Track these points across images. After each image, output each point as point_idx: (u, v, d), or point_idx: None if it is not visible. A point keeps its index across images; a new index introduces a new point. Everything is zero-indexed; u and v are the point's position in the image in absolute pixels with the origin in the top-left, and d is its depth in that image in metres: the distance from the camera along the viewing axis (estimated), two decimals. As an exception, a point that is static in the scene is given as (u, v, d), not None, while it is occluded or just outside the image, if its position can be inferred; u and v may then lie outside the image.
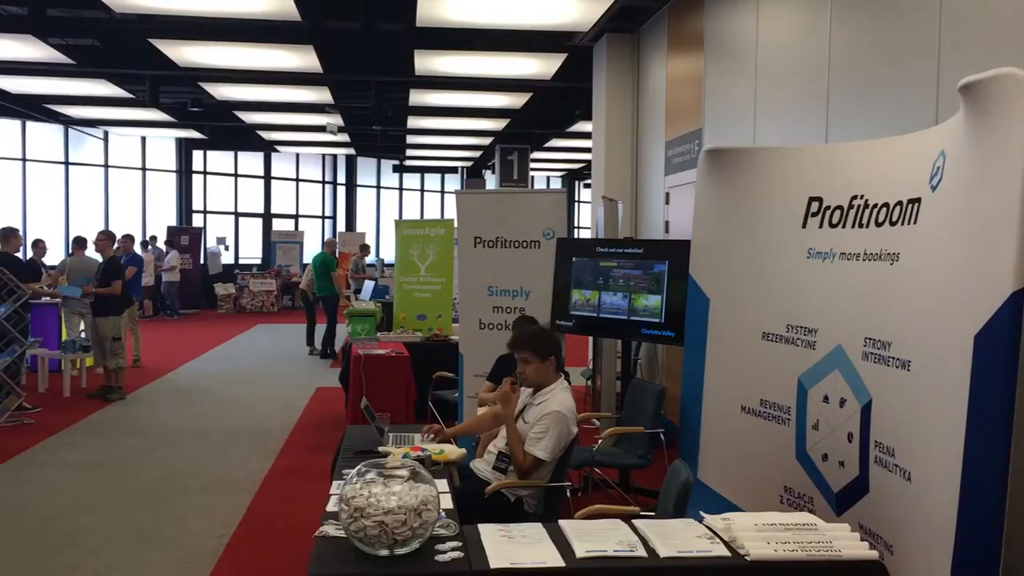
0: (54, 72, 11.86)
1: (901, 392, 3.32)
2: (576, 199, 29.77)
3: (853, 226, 3.81)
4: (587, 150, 17.88)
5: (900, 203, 3.50)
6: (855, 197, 3.83)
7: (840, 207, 3.91)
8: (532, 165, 21.02)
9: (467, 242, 7.17)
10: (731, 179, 4.52)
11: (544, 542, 2.97)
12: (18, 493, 6.19)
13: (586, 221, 30.36)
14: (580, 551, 2.86)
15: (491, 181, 23.31)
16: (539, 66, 10.96)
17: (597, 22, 8.76)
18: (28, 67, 11.46)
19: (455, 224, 7.68)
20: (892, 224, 3.54)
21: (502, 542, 2.97)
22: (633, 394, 6.02)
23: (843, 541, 2.90)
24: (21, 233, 9.94)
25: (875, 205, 3.68)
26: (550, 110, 14.81)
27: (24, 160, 18.46)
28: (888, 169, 3.69)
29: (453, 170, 26.46)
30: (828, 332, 3.88)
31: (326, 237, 21.86)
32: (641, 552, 2.87)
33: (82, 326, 10.75)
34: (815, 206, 4.05)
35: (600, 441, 5.75)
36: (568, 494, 4.29)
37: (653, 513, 3.76)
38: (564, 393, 4.31)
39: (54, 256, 15.01)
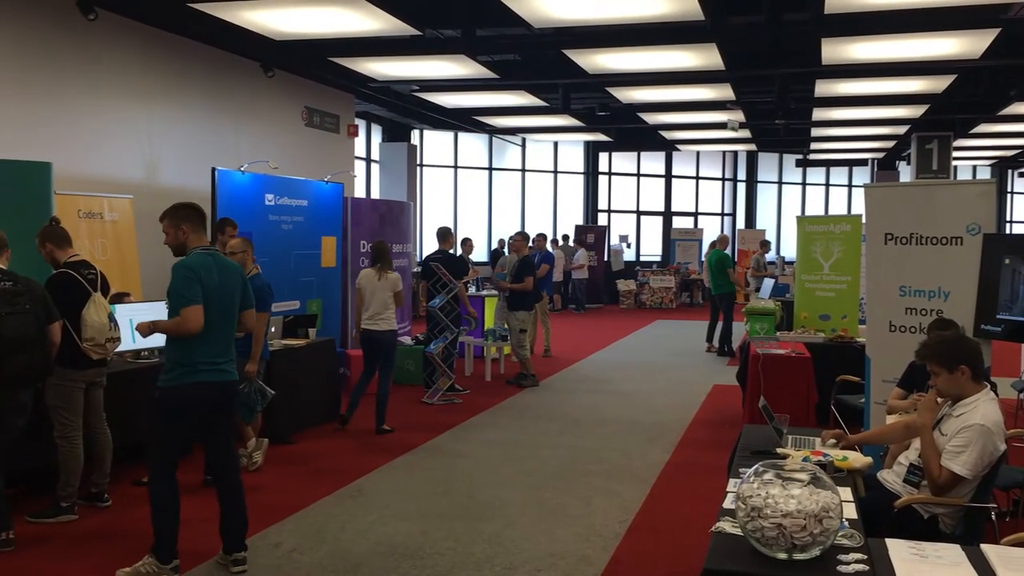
0: (481, 86, 13.18)
1: None
2: (1008, 190, 26.56)
3: None
4: (1023, 135, 15.89)
5: None
6: None
7: None
8: (955, 154, 19.15)
9: (876, 239, 6.73)
10: None
11: (962, 566, 2.73)
12: (449, 464, 7.01)
13: (1021, 215, 27.16)
14: (1006, 581, 2.59)
15: (905, 173, 21.63)
16: (965, 44, 9.94)
17: (1039, -11, 7.76)
18: (460, 83, 12.86)
19: (863, 220, 7.26)
20: None
21: (913, 561, 2.78)
22: (1078, 412, 5.26)
23: None
24: (453, 232, 11.20)
25: None
26: (978, 92, 13.36)
27: (456, 167, 20.80)
28: None
29: (862, 163, 24.93)
30: None
31: (723, 235, 21.83)
32: (1085, 592, 2.52)
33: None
34: None
35: (1034, 462, 5.11)
36: (993, 517, 3.88)
37: (1102, 550, 3.27)
38: (989, 405, 3.89)
39: (479, 253, 16.70)
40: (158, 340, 6.28)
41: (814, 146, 21.68)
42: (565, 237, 21.00)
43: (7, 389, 4.92)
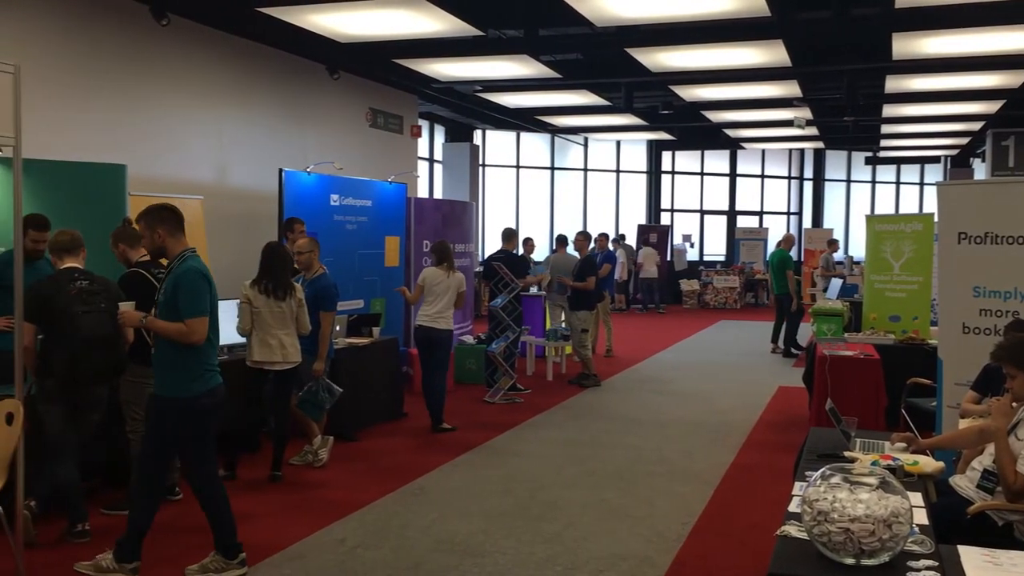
0: (543, 86, 13.18)
1: None
2: (1090, 187, 25.50)
3: None
4: (1106, 129, 15.30)
5: None
6: None
7: None
8: (1033, 150, 18.52)
9: (950, 238, 6.55)
10: None
11: (1039, 576, 2.64)
12: (510, 463, 7.02)
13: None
14: (1087, 592, 2.50)
15: (980, 170, 21.01)
16: (1043, 37, 9.63)
17: (1123, -22, 7.47)
18: (523, 83, 12.87)
19: (935, 219, 7.09)
20: None
21: (986, 568, 2.70)
22: None
23: None
24: (517, 232, 11.20)
25: None
26: (1057, 86, 12.92)
27: (518, 167, 20.83)
28: None
29: (935, 160, 24.28)
30: None
31: (788, 234, 21.47)
32: None
33: (562, 317, 11.81)
34: None
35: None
36: (1073, 526, 3.74)
37: None
38: (1069, 410, 3.77)
39: (540, 253, 16.70)
40: (232, 337, 6.40)
41: (884, 143, 21.17)
42: (622, 236, 20.85)
43: (84, 385, 5.08)
